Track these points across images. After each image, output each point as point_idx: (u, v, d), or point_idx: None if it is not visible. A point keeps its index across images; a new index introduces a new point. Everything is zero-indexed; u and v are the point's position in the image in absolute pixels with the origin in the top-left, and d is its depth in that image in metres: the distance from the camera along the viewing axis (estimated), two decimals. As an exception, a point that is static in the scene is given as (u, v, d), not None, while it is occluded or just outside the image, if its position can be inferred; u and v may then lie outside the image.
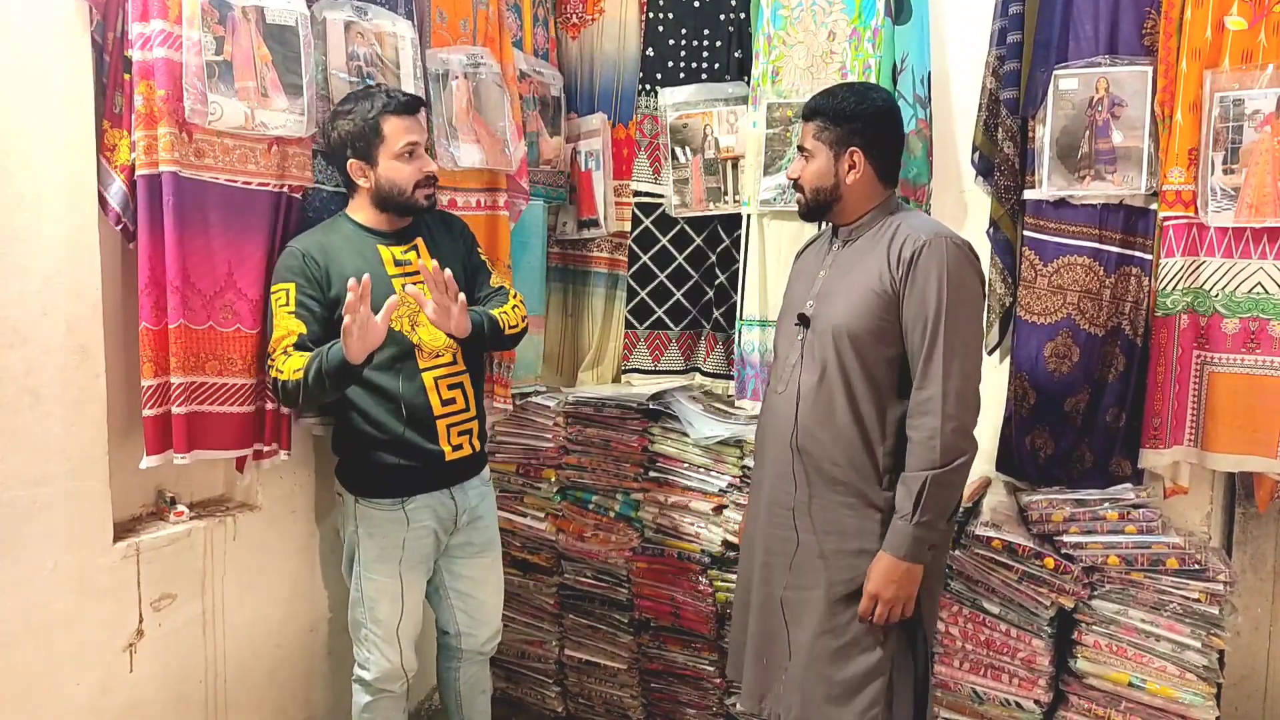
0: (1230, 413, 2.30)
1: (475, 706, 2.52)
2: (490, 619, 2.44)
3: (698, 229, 2.92)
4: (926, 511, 1.80)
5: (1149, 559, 2.19)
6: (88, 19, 1.92)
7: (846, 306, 1.90)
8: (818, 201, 1.98)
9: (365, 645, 2.26)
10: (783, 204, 2.67)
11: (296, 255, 2.08)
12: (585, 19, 3.11)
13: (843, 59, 2.62)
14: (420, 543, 2.23)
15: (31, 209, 1.84)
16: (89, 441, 1.97)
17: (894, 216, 1.95)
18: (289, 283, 2.04)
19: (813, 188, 1.96)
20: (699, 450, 2.78)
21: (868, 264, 1.91)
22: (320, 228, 2.18)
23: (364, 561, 2.21)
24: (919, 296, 1.82)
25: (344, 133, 2.10)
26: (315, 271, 2.07)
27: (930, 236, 1.84)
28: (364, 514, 2.19)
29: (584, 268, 3.19)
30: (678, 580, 2.77)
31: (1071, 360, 2.46)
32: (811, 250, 2.15)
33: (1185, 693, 2.15)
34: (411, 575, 2.24)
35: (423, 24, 2.54)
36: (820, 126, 1.94)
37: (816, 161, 1.95)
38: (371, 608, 2.22)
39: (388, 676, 2.26)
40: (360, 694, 2.30)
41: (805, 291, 2.03)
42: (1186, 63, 2.25)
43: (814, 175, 1.96)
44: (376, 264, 2.12)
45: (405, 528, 2.19)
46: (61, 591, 1.95)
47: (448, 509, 2.25)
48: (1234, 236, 2.25)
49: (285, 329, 2.01)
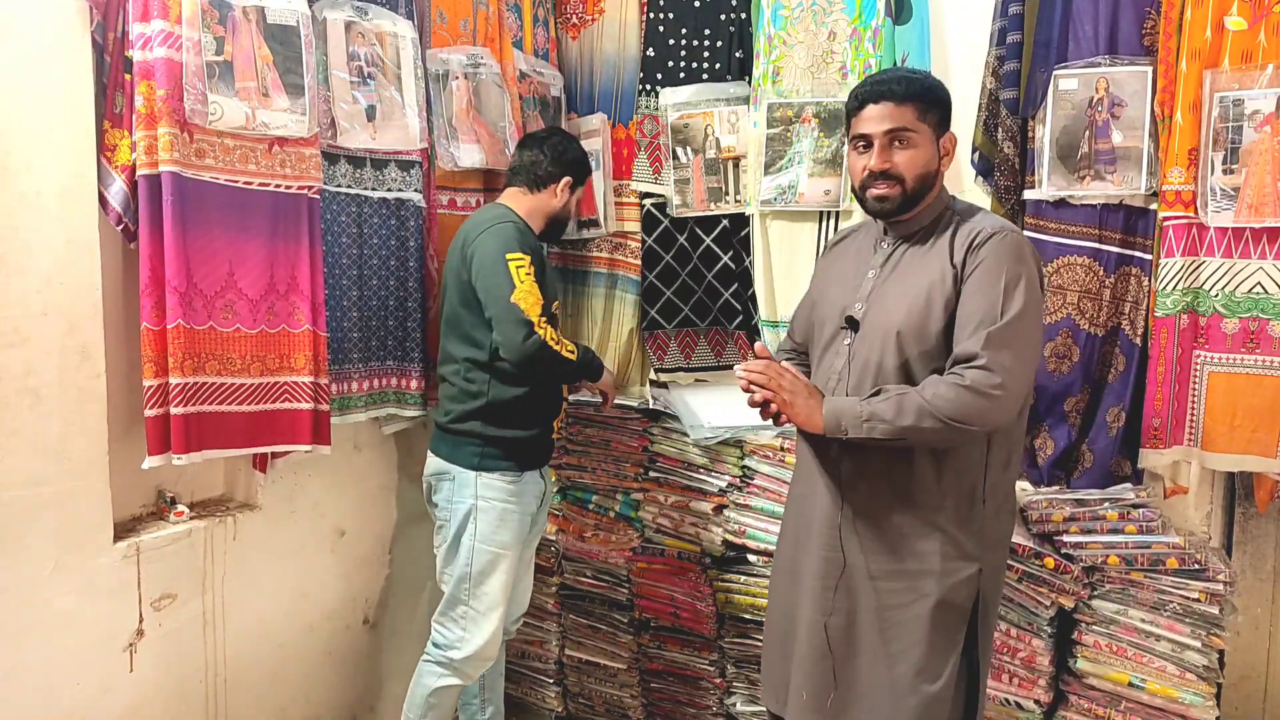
0: (1230, 412, 2.30)
1: (496, 688, 2.61)
2: (524, 599, 2.56)
3: (707, 229, 2.92)
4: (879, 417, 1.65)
5: (1149, 559, 2.19)
6: (88, 19, 1.92)
7: (906, 307, 1.74)
8: (918, 192, 1.77)
9: (460, 624, 2.32)
10: (783, 204, 2.67)
11: (525, 231, 2.33)
12: (585, 19, 3.10)
13: (843, 59, 2.62)
14: (525, 518, 2.37)
15: (32, 209, 1.85)
16: (89, 441, 1.97)
17: (953, 210, 1.83)
18: (528, 255, 2.24)
19: (917, 176, 1.76)
20: (699, 450, 2.79)
21: (929, 262, 1.77)
22: (507, 212, 2.36)
23: (481, 534, 2.29)
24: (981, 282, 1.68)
25: (577, 157, 2.50)
26: (537, 251, 2.29)
27: (994, 228, 1.74)
28: (487, 485, 2.30)
29: (584, 268, 3.19)
30: (678, 580, 2.77)
31: (1071, 360, 2.46)
32: (847, 248, 1.98)
33: (1185, 693, 2.15)
34: (518, 550, 2.36)
35: (423, 24, 2.55)
36: (923, 108, 1.76)
37: (922, 148, 1.76)
38: (481, 580, 2.30)
39: (478, 656, 2.31)
40: (435, 675, 2.33)
41: (849, 293, 1.86)
42: (1186, 63, 2.25)
43: (922, 162, 1.76)
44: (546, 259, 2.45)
45: (519, 501, 2.33)
46: (61, 591, 1.95)
47: (539, 487, 2.42)
48: (1234, 236, 2.25)
49: (538, 296, 2.22)
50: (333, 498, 2.58)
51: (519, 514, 2.34)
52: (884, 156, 1.76)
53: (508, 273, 2.19)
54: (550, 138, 2.50)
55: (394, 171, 2.48)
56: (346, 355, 2.42)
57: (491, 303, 2.21)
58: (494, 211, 2.36)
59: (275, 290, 2.16)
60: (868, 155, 1.78)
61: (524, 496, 2.35)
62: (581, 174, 2.52)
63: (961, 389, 1.62)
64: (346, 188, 2.38)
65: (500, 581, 2.32)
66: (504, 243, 2.23)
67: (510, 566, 2.33)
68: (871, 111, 1.77)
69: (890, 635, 1.77)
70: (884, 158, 1.76)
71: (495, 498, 2.30)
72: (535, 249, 2.30)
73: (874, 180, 1.78)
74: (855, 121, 1.81)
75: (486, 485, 2.30)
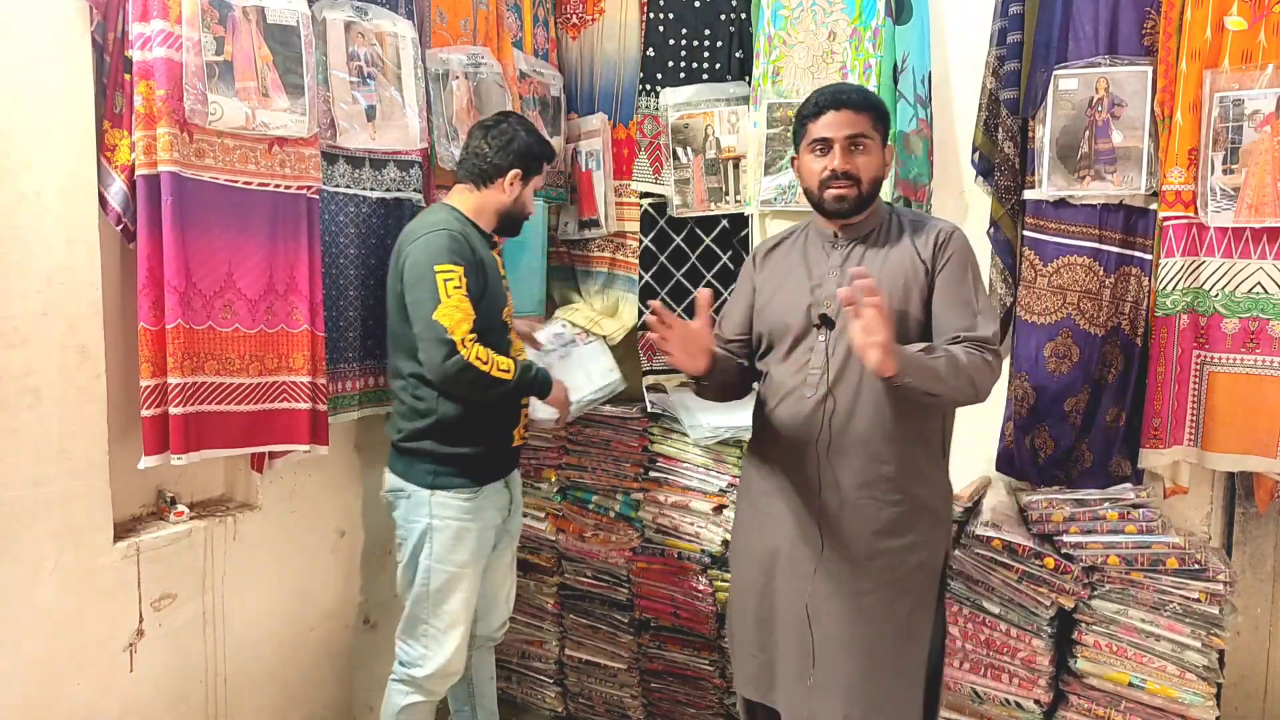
0: (1230, 412, 2.30)
1: (485, 692, 2.55)
2: (504, 605, 2.50)
3: (706, 229, 2.92)
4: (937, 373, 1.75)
5: (1149, 559, 2.19)
6: (88, 19, 1.92)
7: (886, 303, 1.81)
8: (870, 195, 1.93)
9: (421, 641, 2.25)
10: (783, 204, 2.67)
11: (460, 239, 2.15)
12: (585, 19, 3.11)
13: (843, 59, 2.62)
14: (487, 534, 2.28)
15: (32, 208, 1.85)
16: (89, 441, 1.97)
17: (892, 213, 2.00)
18: (460, 266, 2.10)
19: (871, 179, 1.92)
20: (699, 450, 2.79)
21: (897, 258, 1.92)
22: (449, 217, 2.22)
23: (436, 554, 2.21)
24: (954, 275, 1.89)
25: (525, 146, 2.28)
26: (473, 260, 2.15)
27: (950, 227, 1.96)
28: (441, 504, 2.21)
29: (585, 268, 3.19)
30: (678, 580, 2.77)
31: (1071, 360, 2.46)
32: (788, 252, 2.07)
33: (1185, 693, 2.15)
34: (478, 567, 2.28)
35: (423, 24, 2.55)
36: (875, 119, 1.92)
37: (875, 154, 1.92)
38: (440, 601, 2.23)
39: (441, 673, 2.25)
40: (402, 694, 2.27)
41: (808, 293, 1.95)
42: (1186, 63, 2.25)
43: (875, 167, 1.93)
44: (494, 265, 2.26)
45: (478, 518, 2.24)
46: (61, 591, 1.95)
47: (504, 498, 2.34)
48: (1234, 236, 2.25)
49: (466, 312, 2.08)
50: (333, 498, 2.58)
51: (477, 531, 2.25)
52: (846, 158, 1.89)
53: (434, 287, 2.06)
54: (496, 125, 2.30)
55: (393, 171, 2.48)
56: (343, 354, 2.42)
57: (416, 320, 2.10)
58: (432, 217, 2.21)
59: (274, 290, 2.16)
60: (828, 157, 1.91)
61: (483, 512, 2.26)
62: (532, 164, 2.31)
63: (984, 363, 1.82)
64: (345, 188, 2.38)
65: (459, 599, 2.24)
66: (432, 254, 2.09)
67: (471, 584, 2.26)
68: (832, 117, 1.90)
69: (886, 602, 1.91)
70: (846, 159, 1.89)
71: (450, 516, 2.21)
72: (471, 258, 2.14)
73: (834, 180, 1.90)
74: (812, 127, 1.93)
75: (441, 504, 2.20)
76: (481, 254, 2.20)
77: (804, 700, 1.95)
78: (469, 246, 2.16)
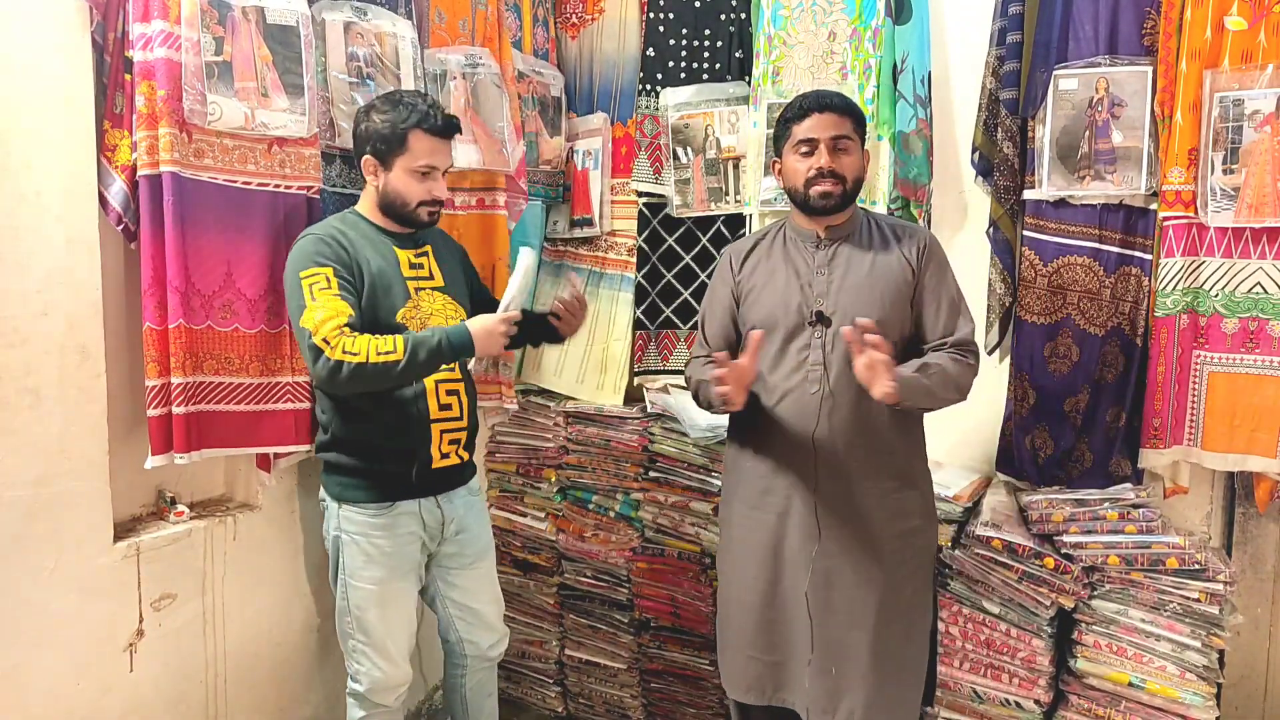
0: (1230, 412, 2.30)
1: (482, 710, 2.48)
2: (491, 626, 2.38)
3: (703, 229, 2.92)
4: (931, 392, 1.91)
5: (1149, 559, 2.19)
6: (88, 19, 1.92)
7: (880, 302, 1.98)
8: (852, 194, 2.02)
9: (355, 656, 2.17)
10: (783, 204, 2.67)
11: (328, 241, 2.01)
12: (585, 19, 3.11)
13: (843, 59, 2.62)
14: (405, 550, 2.14)
15: (32, 208, 1.84)
16: (89, 441, 1.97)
17: (868, 216, 2.11)
18: (326, 266, 1.96)
19: (854, 179, 2.01)
20: (699, 450, 2.79)
21: (885, 260, 2.02)
22: (334, 219, 2.11)
23: (349, 569, 2.12)
24: (937, 279, 2.03)
25: (372, 129, 2.04)
26: (348, 259, 2.01)
27: (928, 232, 2.11)
28: (348, 519, 2.11)
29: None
30: (678, 580, 2.77)
31: (1071, 360, 2.46)
32: (769, 252, 2.10)
33: (1185, 693, 2.15)
34: (399, 584, 2.15)
35: (421, 24, 2.54)
36: (855, 123, 2.02)
37: (856, 156, 2.02)
38: (359, 617, 2.14)
39: (380, 688, 2.17)
40: (354, 708, 2.21)
41: (797, 291, 2.02)
42: (1186, 63, 2.26)
43: (858, 167, 2.03)
44: (394, 264, 2.09)
45: (390, 534, 2.12)
46: (61, 591, 1.95)
47: (434, 517, 2.18)
48: (1234, 236, 2.25)
49: (334, 309, 1.91)
50: (332, 498, 2.58)
51: (391, 547, 2.11)
52: (832, 157, 1.98)
53: (300, 294, 1.94)
54: (359, 113, 2.11)
55: (393, 171, 2.46)
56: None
57: (295, 331, 1.99)
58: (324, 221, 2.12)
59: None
60: (814, 157, 1.99)
61: (399, 529, 2.12)
62: (384, 148, 2.04)
63: (967, 367, 1.98)
64: (343, 188, 2.38)
65: (379, 615, 2.12)
66: (298, 260, 1.98)
67: (394, 602, 2.14)
68: (817, 119, 1.98)
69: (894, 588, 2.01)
70: (832, 158, 1.98)
71: (357, 531, 2.10)
72: (345, 258, 2.00)
73: (820, 178, 1.98)
74: (797, 129, 2.01)
75: (348, 518, 2.10)
76: (364, 253, 2.05)
77: (826, 693, 1.99)
78: (341, 247, 2.02)
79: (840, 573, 1.99)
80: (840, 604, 1.99)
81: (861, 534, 1.99)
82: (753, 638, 2.07)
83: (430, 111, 2.05)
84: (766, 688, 2.08)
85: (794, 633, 2.03)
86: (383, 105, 2.06)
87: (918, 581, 2.07)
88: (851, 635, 1.99)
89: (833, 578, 1.99)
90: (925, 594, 2.12)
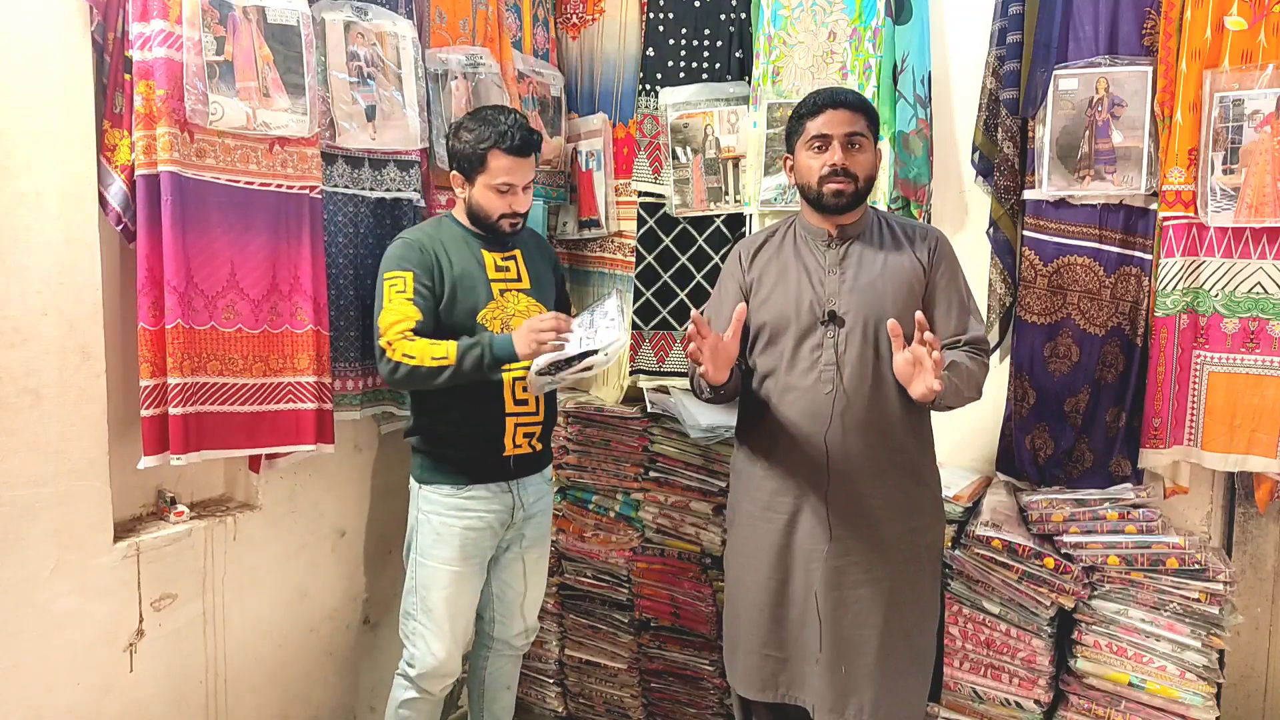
0: (1230, 412, 2.30)
1: (498, 701, 2.53)
2: (526, 612, 2.45)
3: (700, 229, 2.92)
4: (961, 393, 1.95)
5: (1149, 559, 2.19)
6: (88, 19, 1.92)
7: (894, 301, 1.97)
8: (865, 192, 2.01)
9: (413, 639, 2.27)
10: (783, 204, 2.67)
11: (415, 246, 2.17)
12: (585, 19, 3.11)
13: (843, 59, 2.62)
14: (476, 534, 2.24)
15: (32, 208, 1.85)
16: (89, 441, 1.97)
17: (878, 214, 2.11)
18: (407, 271, 2.12)
19: (867, 177, 2.00)
20: (699, 450, 2.79)
21: (897, 260, 2.02)
22: (429, 224, 2.28)
23: (420, 548, 2.24)
24: (948, 279, 2.05)
25: (456, 148, 2.20)
26: (430, 262, 2.15)
27: (938, 232, 2.10)
28: (426, 499, 2.23)
29: (585, 268, 3.19)
30: (678, 580, 2.77)
31: (1071, 360, 2.46)
32: (780, 250, 2.09)
33: (1185, 693, 2.15)
34: (465, 568, 2.24)
35: (422, 24, 2.55)
36: (868, 121, 2.01)
37: (870, 153, 2.01)
38: (424, 596, 2.23)
39: (431, 674, 2.25)
40: (401, 688, 2.30)
41: (809, 289, 2.01)
42: (1186, 63, 2.26)
43: (871, 165, 2.01)
44: (480, 266, 2.22)
45: (461, 515, 2.22)
46: (61, 591, 1.95)
47: (505, 503, 2.27)
48: (1234, 236, 2.25)
49: (402, 314, 2.07)
50: (333, 498, 2.58)
51: (460, 529, 2.21)
52: (846, 154, 1.96)
53: (382, 295, 2.11)
54: (450, 129, 2.26)
55: (393, 171, 2.48)
56: (344, 354, 2.42)
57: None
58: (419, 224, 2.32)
59: (278, 290, 2.16)
60: (827, 154, 1.97)
61: (471, 511, 2.22)
62: (466, 166, 2.19)
63: (983, 365, 2.02)
64: (344, 188, 2.38)
65: (443, 596, 2.22)
66: (386, 262, 2.16)
67: (458, 583, 2.23)
68: (831, 116, 1.97)
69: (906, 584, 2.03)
70: (846, 155, 1.96)
71: (433, 511, 2.22)
72: (426, 261, 2.15)
73: (834, 176, 1.96)
74: (811, 124, 1.99)
75: (426, 499, 2.24)
76: (450, 255, 2.19)
77: (835, 691, 2.00)
78: (425, 250, 2.17)
79: (850, 571, 1.99)
80: (850, 602, 1.99)
81: (872, 533, 1.99)
82: (765, 636, 2.07)
83: (509, 131, 2.16)
84: (780, 685, 2.08)
85: (804, 630, 2.03)
86: (469, 124, 2.19)
87: (926, 578, 2.08)
88: (861, 633, 1.99)
89: (843, 576, 1.99)
90: (934, 591, 2.12)
